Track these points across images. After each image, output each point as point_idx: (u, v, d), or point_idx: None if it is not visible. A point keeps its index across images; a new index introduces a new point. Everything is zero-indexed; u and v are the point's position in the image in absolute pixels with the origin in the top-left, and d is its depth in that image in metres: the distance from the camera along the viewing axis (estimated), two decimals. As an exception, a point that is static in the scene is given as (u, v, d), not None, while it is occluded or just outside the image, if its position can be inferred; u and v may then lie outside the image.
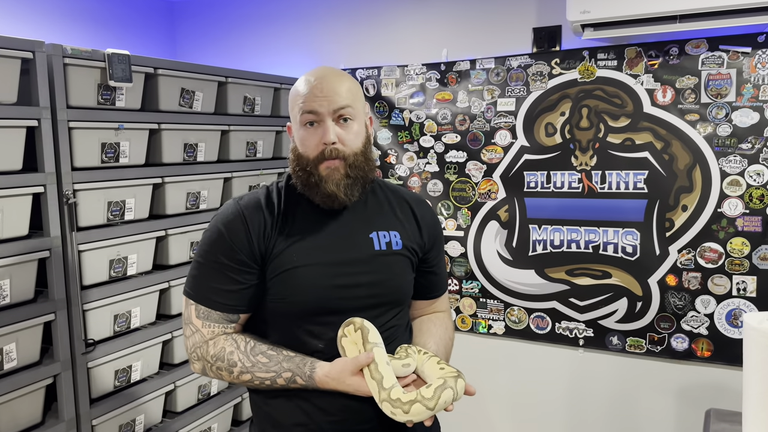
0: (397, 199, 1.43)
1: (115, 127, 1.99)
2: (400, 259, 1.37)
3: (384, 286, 1.33)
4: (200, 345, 1.29)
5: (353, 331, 1.23)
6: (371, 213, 1.37)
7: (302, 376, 1.22)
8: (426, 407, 1.12)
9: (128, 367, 2.07)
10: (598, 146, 2.56)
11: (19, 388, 1.74)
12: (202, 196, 2.34)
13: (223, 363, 1.25)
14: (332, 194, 1.27)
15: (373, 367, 1.17)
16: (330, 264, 1.29)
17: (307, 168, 1.28)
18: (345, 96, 1.27)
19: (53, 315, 1.83)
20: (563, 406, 2.76)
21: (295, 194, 1.34)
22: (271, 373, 1.24)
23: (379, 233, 1.35)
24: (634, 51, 2.48)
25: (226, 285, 1.27)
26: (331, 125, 1.26)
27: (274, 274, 1.27)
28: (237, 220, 1.28)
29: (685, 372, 2.52)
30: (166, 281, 2.18)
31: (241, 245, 1.26)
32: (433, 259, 1.46)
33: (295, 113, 1.29)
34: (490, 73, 2.75)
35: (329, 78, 1.28)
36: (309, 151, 1.28)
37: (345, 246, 1.31)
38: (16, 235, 1.74)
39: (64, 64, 1.83)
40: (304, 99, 1.27)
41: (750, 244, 2.36)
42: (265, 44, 3.30)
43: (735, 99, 2.34)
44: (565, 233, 2.66)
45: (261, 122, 2.65)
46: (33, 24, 2.85)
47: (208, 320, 1.28)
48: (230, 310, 1.29)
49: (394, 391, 1.14)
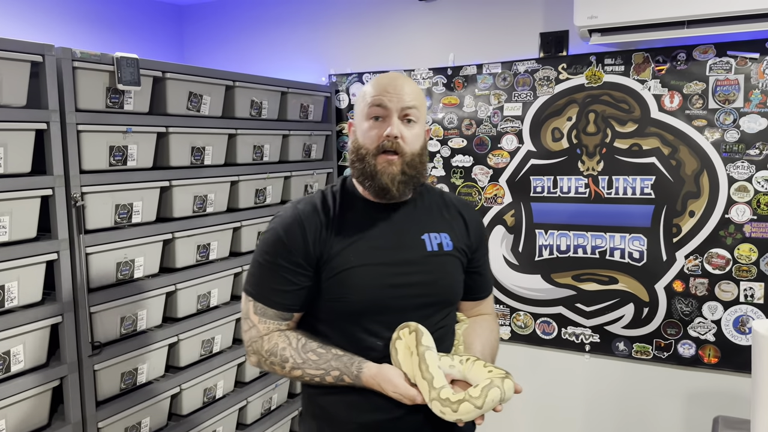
0: (444, 201, 1.49)
1: (123, 130, 1.99)
2: (452, 259, 1.42)
3: (436, 286, 1.39)
4: (256, 339, 1.37)
5: (407, 333, 1.29)
6: (422, 215, 1.43)
7: (349, 375, 1.29)
8: (474, 406, 1.17)
9: (134, 369, 2.07)
10: (605, 151, 2.56)
11: (26, 390, 1.74)
12: (209, 199, 2.34)
13: (276, 358, 1.33)
14: (386, 187, 1.32)
15: (423, 368, 1.21)
16: (385, 264, 1.34)
17: (366, 158, 1.33)
18: (413, 98, 1.34)
19: (60, 317, 1.83)
20: (569, 411, 2.75)
21: (349, 197, 1.41)
22: (320, 371, 1.31)
23: (430, 235, 1.40)
24: (641, 56, 2.48)
25: (282, 285, 1.34)
26: (397, 121, 1.32)
27: (331, 274, 1.33)
28: (294, 224, 1.34)
29: (692, 378, 2.51)
30: (172, 284, 2.19)
31: (298, 249, 1.33)
32: (479, 260, 1.50)
33: (362, 107, 1.36)
34: (497, 77, 2.75)
35: (400, 79, 1.36)
36: (369, 142, 1.33)
37: (399, 247, 1.37)
38: (24, 237, 1.75)
39: (73, 68, 1.83)
40: (374, 93, 1.33)
41: (758, 251, 2.35)
42: (273, 48, 3.31)
43: (743, 105, 2.34)
44: (571, 238, 2.66)
45: (268, 126, 2.65)
46: (43, 27, 2.87)
47: (264, 317, 1.36)
48: (285, 308, 1.36)
49: (443, 391, 1.19)
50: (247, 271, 1.42)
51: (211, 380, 2.36)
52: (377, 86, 1.34)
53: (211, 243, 2.35)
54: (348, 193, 1.41)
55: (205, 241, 2.33)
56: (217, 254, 2.39)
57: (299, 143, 2.86)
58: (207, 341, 2.34)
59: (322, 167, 3.02)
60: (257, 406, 2.61)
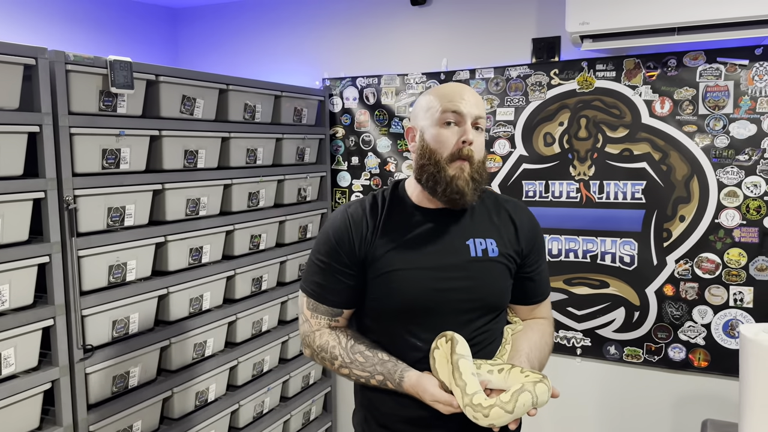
0: (495, 205, 1.50)
1: (116, 133, 1.99)
2: (497, 265, 1.43)
3: (478, 292, 1.41)
4: (309, 334, 1.46)
5: (444, 343, 1.31)
6: (468, 220, 1.45)
7: (392, 381, 1.35)
8: (504, 410, 1.20)
9: (126, 373, 2.06)
10: (596, 156, 2.58)
11: (17, 393, 1.73)
12: (201, 202, 2.34)
13: (326, 354, 1.42)
14: (461, 191, 1.35)
15: (457, 375, 1.24)
16: (427, 268, 1.38)
17: (439, 163, 1.36)
18: (481, 108, 1.39)
19: (52, 320, 1.83)
20: (560, 415, 2.76)
21: (398, 201, 1.46)
22: (366, 373, 1.38)
23: (475, 240, 1.42)
24: (632, 62, 2.50)
25: (331, 284, 1.42)
26: (471, 128, 1.36)
27: (375, 275, 1.40)
28: (343, 227, 1.42)
29: (682, 382, 2.53)
30: (165, 287, 2.18)
31: (345, 250, 1.40)
32: (531, 265, 1.50)
33: (432, 113, 1.38)
34: (490, 82, 2.76)
35: (468, 89, 1.41)
36: (444, 148, 1.36)
37: (442, 252, 1.40)
38: (16, 240, 1.74)
39: (66, 71, 1.83)
40: (448, 99, 1.36)
41: (747, 255, 2.37)
42: (266, 52, 3.32)
43: (732, 111, 2.36)
44: (563, 242, 2.67)
45: (261, 130, 2.66)
46: (36, 30, 2.87)
47: (316, 312, 1.45)
48: (334, 305, 1.44)
49: (476, 397, 1.22)
50: (305, 268, 1.51)
51: (203, 383, 2.36)
52: (448, 93, 1.37)
53: (203, 246, 2.35)
54: (398, 197, 1.47)
55: (197, 245, 2.33)
56: (210, 257, 2.39)
57: (293, 147, 2.87)
58: (199, 344, 2.34)
59: (316, 171, 3.03)
60: (249, 410, 2.61)
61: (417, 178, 1.41)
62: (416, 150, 1.42)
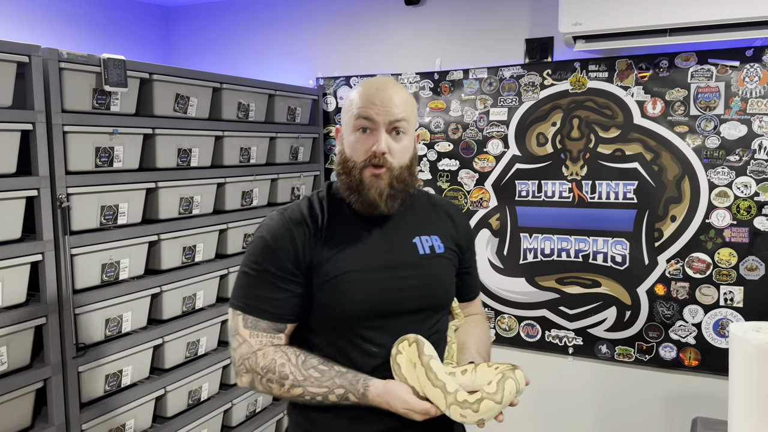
0: (431, 204, 1.48)
1: (109, 131, 1.99)
2: (445, 261, 1.40)
3: (432, 289, 1.37)
4: (248, 356, 1.28)
5: (407, 346, 1.24)
6: (411, 219, 1.40)
7: (355, 393, 1.23)
8: (494, 401, 1.14)
9: (119, 371, 2.06)
10: (588, 156, 2.59)
11: (9, 391, 1.73)
12: (195, 201, 2.34)
13: (274, 375, 1.25)
14: (373, 202, 1.29)
15: (432, 376, 1.18)
16: (378, 268, 1.31)
17: (352, 172, 1.30)
18: (402, 109, 1.29)
19: (45, 319, 1.82)
20: (552, 413, 2.77)
21: (337, 202, 1.36)
22: (323, 389, 1.24)
23: (421, 238, 1.38)
24: (624, 63, 2.52)
25: (273, 293, 1.28)
26: (384, 136, 1.28)
27: (322, 281, 1.29)
28: (282, 230, 1.30)
29: (673, 381, 2.55)
30: (157, 286, 2.18)
31: (287, 255, 1.28)
32: (469, 260, 1.50)
33: (349, 117, 1.31)
34: (483, 82, 2.78)
35: (389, 89, 1.30)
36: (357, 155, 1.29)
37: (391, 251, 1.34)
38: (9, 238, 1.74)
39: (59, 69, 1.83)
40: (361, 104, 1.28)
41: (737, 255, 2.39)
42: (260, 51, 3.32)
43: (723, 112, 2.38)
44: (555, 242, 2.69)
45: (255, 128, 2.66)
46: (29, 28, 2.86)
47: (256, 329, 1.29)
48: (278, 318, 1.30)
49: (459, 394, 1.16)
50: (234, 284, 1.34)
51: (196, 382, 2.36)
52: (364, 96, 1.29)
53: (197, 245, 2.35)
54: (335, 198, 1.37)
55: (191, 243, 2.33)
56: (203, 256, 2.39)
57: (286, 146, 2.87)
58: (192, 343, 2.33)
59: (309, 170, 3.03)
60: (242, 409, 2.61)
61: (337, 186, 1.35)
62: (337, 155, 1.37)
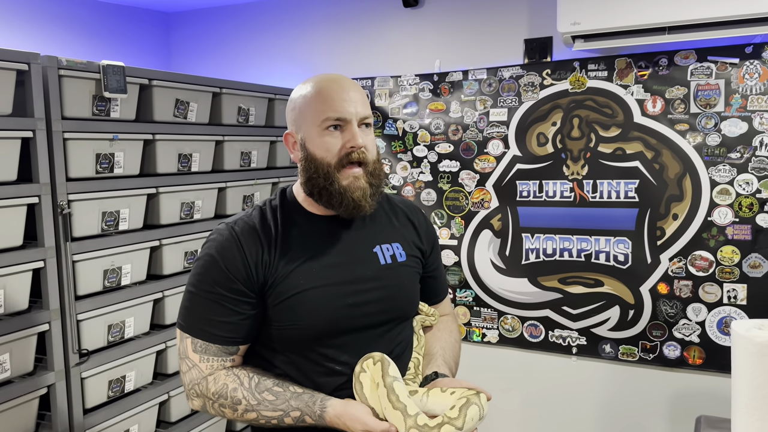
0: (391, 207, 1.41)
1: (109, 137, 2.00)
2: (407, 270, 1.35)
3: (394, 301, 1.31)
4: (199, 381, 1.21)
5: (372, 365, 1.20)
6: (371, 227, 1.34)
7: (311, 415, 1.17)
8: (455, 427, 1.09)
9: (122, 377, 2.07)
10: (589, 156, 2.59)
11: (13, 398, 1.74)
12: (196, 206, 2.35)
13: (227, 400, 1.19)
14: (358, 204, 1.23)
15: (393, 398, 1.13)
16: (339, 283, 1.24)
17: (328, 174, 1.22)
18: (365, 104, 1.27)
19: (47, 325, 1.83)
20: (556, 413, 2.77)
21: (291, 212, 1.30)
22: (278, 412, 1.18)
23: (382, 246, 1.32)
24: (624, 62, 2.51)
25: (224, 317, 1.20)
26: (357, 130, 1.23)
27: (280, 300, 1.21)
28: (232, 247, 1.21)
29: (677, 379, 2.54)
30: (160, 291, 2.19)
31: (238, 274, 1.20)
32: (432, 264, 1.45)
33: (315, 118, 1.23)
34: (483, 83, 2.78)
35: (351, 85, 1.26)
36: (330, 156, 1.22)
37: (351, 263, 1.27)
38: (11, 245, 1.75)
39: (59, 76, 1.84)
40: (327, 104, 1.22)
41: (740, 253, 2.38)
42: (259, 55, 3.32)
43: (724, 109, 2.37)
44: (557, 242, 2.68)
45: (255, 132, 2.66)
46: (28, 36, 2.87)
47: (206, 354, 1.21)
48: (229, 342, 1.22)
49: (420, 418, 1.11)
50: (181, 304, 1.25)
51: (200, 387, 2.36)
52: (327, 94, 1.23)
53: (198, 250, 2.35)
54: (289, 207, 1.30)
55: (192, 248, 2.33)
56: (205, 261, 2.39)
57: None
58: (195, 348, 2.34)
59: (310, 173, 3.03)
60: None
61: (307, 192, 1.26)
62: (299, 161, 1.27)
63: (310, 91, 1.25)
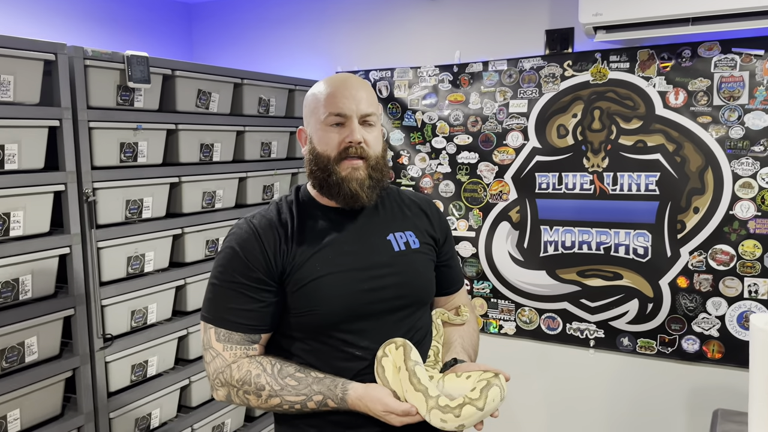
0: (404, 199, 1.46)
1: (133, 127, 2.03)
2: (421, 257, 1.39)
3: (410, 287, 1.35)
4: (223, 370, 1.26)
5: (394, 349, 1.24)
6: (384, 216, 1.39)
7: (334, 398, 1.21)
8: (476, 408, 1.12)
9: (144, 361, 2.11)
10: (610, 148, 2.57)
11: (40, 380, 1.79)
12: (217, 195, 2.38)
13: (251, 387, 1.23)
14: (355, 194, 1.28)
15: (415, 381, 1.17)
16: (354, 269, 1.29)
17: (327, 167, 1.28)
18: (369, 103, 1.31)
19: (73, 310, 1.88)
20: (573, 405, 2.77)
21: (306, 205, 1.35)
22: (301, 396, 1.22)
23: (395, 234, 1.37)
24: (646, 53, 2.49)
25: (245, 305, 1.26)
26: (357, 126, 1.28)
27: (297, 286, 1.26)
28: (251, 239, 1.27)
29: (696, 373, 2.52)
30: (182, 278, 2.23)
31: (258, 263, 1.26)
32: (446, 253, 1.49)
33: (318, 115, 1.30)
34: (503, 74, 2.77)
35: (354, 84, 1.31)
36: (330, 149, 1.28)
37: (366, 250, 1.32)
38: (38, 231, 1.79)
39: (84, 66, 1.87)
40: (330, 101, 1.28)
41: (762, 247, 2.36)
42: (280, 46, 3.34)
43: (747, 101, 2.34)
44: (576, 234, 2.67)
45: (275, 123, 2.69)
46: (55, 26, 2.92)
47: (229, 343, 1.26)
48: (251, 330, 1.27)
49: (441, 399, 1.14)
50: (205, 297, 1.31)
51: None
52: (331, 93, 1.29)
53: (219, 238, 2.39)
54: (304, 201, 1.36)
55: (213, 237, 2.37)
56: (226, 249, 2.43)
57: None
58: (216, 335, 2.38)
59: (330, 164, 3.05)
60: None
61: (312, 184, 1.34)
62: (305, 154, 1.35)
63: (320, 90, 1.32)
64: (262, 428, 2.61)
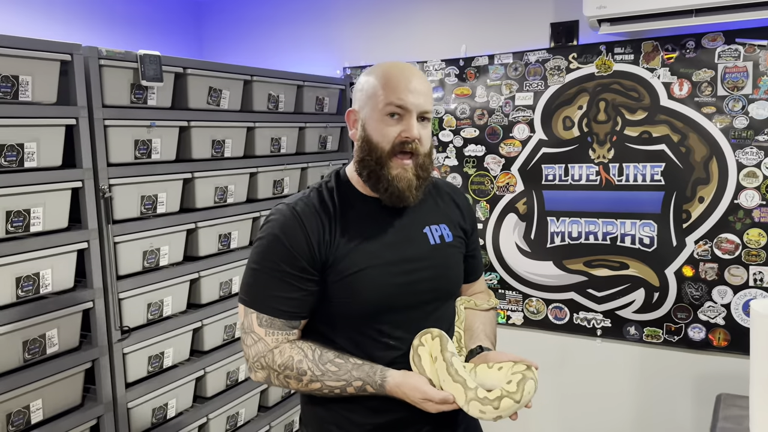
0: (437, 190, 1.48)
1: (147, 124, 2.08)
2: (454, 251, 1.42)
3: (443, 280, 1.38)
4: (265, 354, 1.29)
5: (431, 339, 1.27)
6: (420, 208, 1.40)
7: (372, 384, 1.25)
8: (513, 400, 1.17)
9: (161, 353, 2.16)
10: (615, 139, 2.60)
11: (60, 371, 1.84)
12: (229, 190, 2.43)
13: (292, 372, 1.27)
14: (402, 194, 1.29)
15: (453, 372, 1.20)
16: (393, 263, 1.31)
17: (381, 159, 1.28)
18: (430, 99, 1.32)
19: (91, 303, 1.93)
20: (581, 394, 2.81)
21: (346, 193, 1.36)
22: (341, 382, 1.26)
23: (431, 227, 1.39)
24: (650, 45, 2.51)
25: (288, 293, 1.28)
26: (416, 122, 1.28)
27: (339, 277, 1.29)
28: (295, 226, 1.28)
29: (702, 361, 2.55)
30: (196, 272, 2.28)
31: (302, 252, 1.27)
32: (473, 243, 1.53)
33: (377, 102, 1.28)
34: (509, 68, 2.79)
35: (420, 78, 1.30)
36: (385, 142, 1.28)
37: (403, 243, 1.34)
38: (57, 227, 1.84)
39: (99, 66, 1.92)
40: (391, 91, 1.27)
41: (767, 235, 2.38)
42: (289, 42, 3.38)
43: (751, 91, 2.36)
44: (583, 225, 2.70)
45: (285, 119, 2.73)
46: (68, 27, 2.97)
47: (271, 328, 1.29)
48: (293, 317, 1.30)
49: (479, 391, 1.18)
50: (245, 281, 1.32)
51: (234, 364, 2.45)
52: (394, 82, 1.27)
53: (232, 232, 2.44)
54: (344, 189, 1.37)
55: (226, 231, 2.41)
56: (238, 243, 2.48)
57: (315, 135, 2.94)
58: (229, 326, 2.43)
59: (338, 158, 3.10)
60: (279, 389, 2.70)
61: (357, 171, 1.33)
62: (357, 139, 1.33)
63: (380, 75, 1.30)
64: (276, 417, 2.67)
